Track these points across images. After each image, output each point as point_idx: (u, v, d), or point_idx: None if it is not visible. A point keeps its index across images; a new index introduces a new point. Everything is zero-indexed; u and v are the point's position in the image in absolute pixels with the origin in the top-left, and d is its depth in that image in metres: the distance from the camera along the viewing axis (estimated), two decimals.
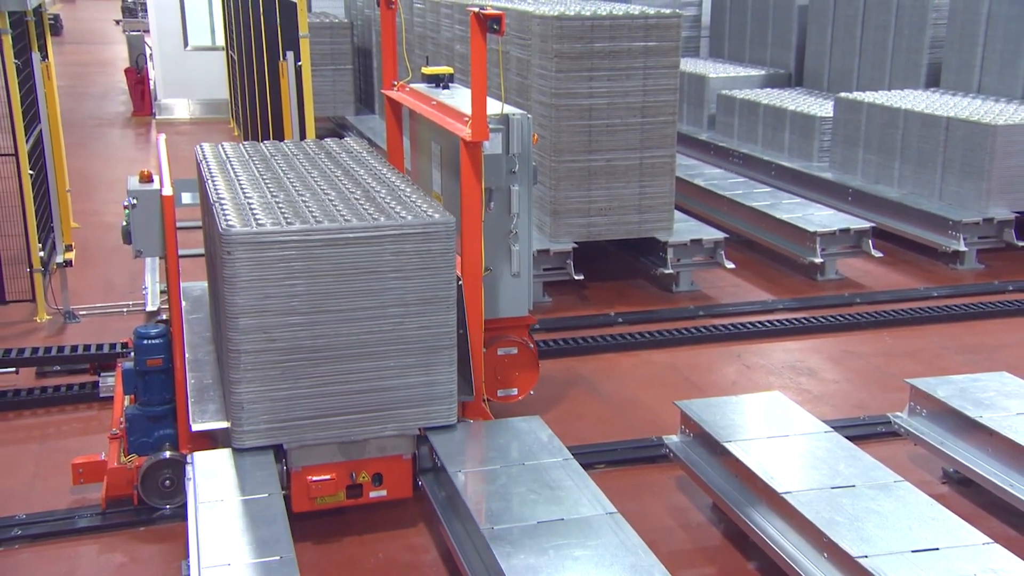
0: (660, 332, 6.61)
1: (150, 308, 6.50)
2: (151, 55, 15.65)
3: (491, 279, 4.81)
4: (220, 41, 15.07)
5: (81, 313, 6.87)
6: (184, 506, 4.05)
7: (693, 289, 7.46)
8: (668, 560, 3.53)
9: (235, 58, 12.55)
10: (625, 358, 6.27)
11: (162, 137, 5.48)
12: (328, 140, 5.76)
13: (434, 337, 4.15)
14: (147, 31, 16.40)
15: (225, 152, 5.37)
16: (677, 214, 7.51)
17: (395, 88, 5.69)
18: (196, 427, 4.24)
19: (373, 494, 4.22)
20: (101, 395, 5.45)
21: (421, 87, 5.45)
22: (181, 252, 4.29)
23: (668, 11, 7.01)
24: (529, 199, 4.88)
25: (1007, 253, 7.92)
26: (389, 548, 4.24)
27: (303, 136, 6.87)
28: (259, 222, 3.97)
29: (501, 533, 3.57)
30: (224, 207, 4.18)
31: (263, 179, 4.74)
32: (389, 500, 4.29)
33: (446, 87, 5.39)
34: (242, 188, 4.54)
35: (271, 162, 5.13)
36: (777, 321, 6.84)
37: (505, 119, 4.71)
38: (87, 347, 5.99)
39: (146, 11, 16.88)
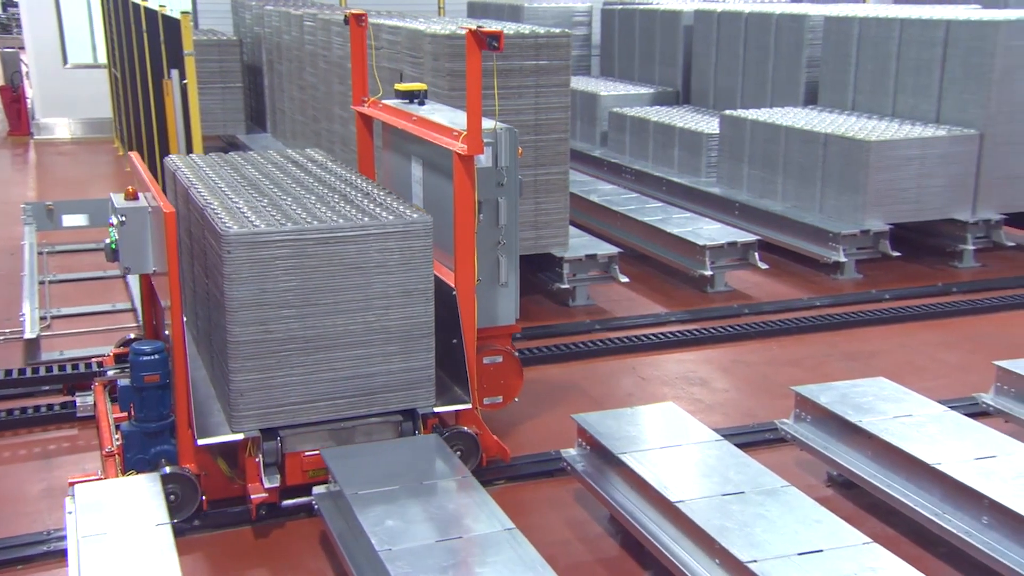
0: (557, 347, 6.68)
1: (28, 335, 6.22)
2: (27, 72, 15.03)
3: (479, 289, 4.94)
4: (102, 58, 14.59)
5: None
6: (65, 539, 3.91)
7: (589, 303, 7.57)
8: (567, 573, 3.58)
9: (118, 76, 12.17)
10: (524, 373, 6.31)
11: (135, 155, 5.51)
12: (291, 151, 5.94)
13: (414, 326, 4.54)
14: (22, 47, 15.75)
15: (197, 162, 5.62)
16: (572, 230, 7.62)
17: (366, 104, 5.79)
18: (202, 441, 4.34)
19: None
20: (79, 415, 5.42)
21: (395, 103, 5.56)
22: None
23: (558, 30, 7.12)
24: (516, 211, 5.08)
25: (883, 263, 8.31)
26: (286, 575, 4.17)
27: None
28: (254, 223, 4.28)
29: (399, 554, 3.54)
30: (216, 211, 4.45)
31: (242, 186, 5.01)
32: None
33: (422, 103, 5.51)
34: (225, 194, 4.81)
35: (244, 170, 5.41)
36: (670, 333, 7.01)
37: (493, 133, 4.85)
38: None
39: (20, 27, 16.22)
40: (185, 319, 4.46)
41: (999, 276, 8.22)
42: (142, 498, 3.85)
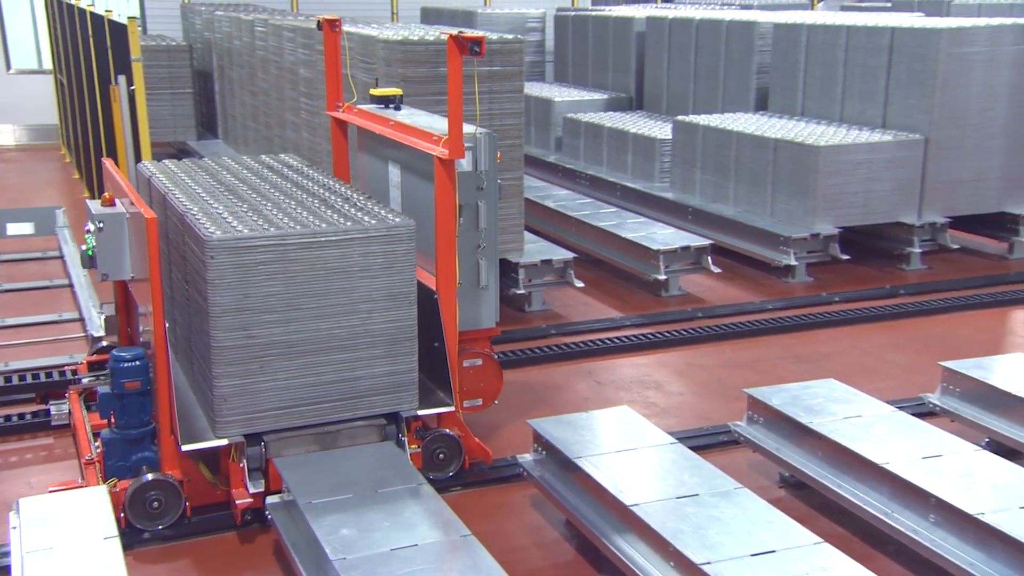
0: (513, 352, 6.69)
1: None
2: None
3: (460, 292, 4.94)
4: (47, 64, 14.32)
5: None
6: (7, 554, 3.81)
7: (545, 308, 7.59)
8: None
9: (64, 82, 11.95)
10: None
11: (109, 162, 5.46)
12: (265, 156, 5.93)
13: (398, 330, 4.54)
14: None
15: (172, 168, 5.59)
16: (527, 235, 7.64)
17: (340, 109, 5.80)
18: (186, 447, 4.32)
19: None
20: (53, 423, 5.38)
21: (371, 108, 5.58)
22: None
23: (511, 36, 7.13)
24: (496, 214, 5.10)
25: (833, 266, 8.45)
26: None
27: (139, 163, 6.61)
28: (237, 228, 4.27)
29: (354, 563, 3.52)
30: (197, 216, 4.43)
31: (220, 191, 4.98)
32: None
33: (398, 108, 5.52)
34: (205, 199, 4.78)
35: (220, 176, 5.38)
36: (625, 337, 7.05)
37: (474, 137, 4.87)
38: None
39: None
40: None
41: (945, 278, 8.40)
42: (90, 511, 3.77)
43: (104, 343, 5.84)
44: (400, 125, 5.17)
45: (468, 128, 4.81)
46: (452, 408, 4.84)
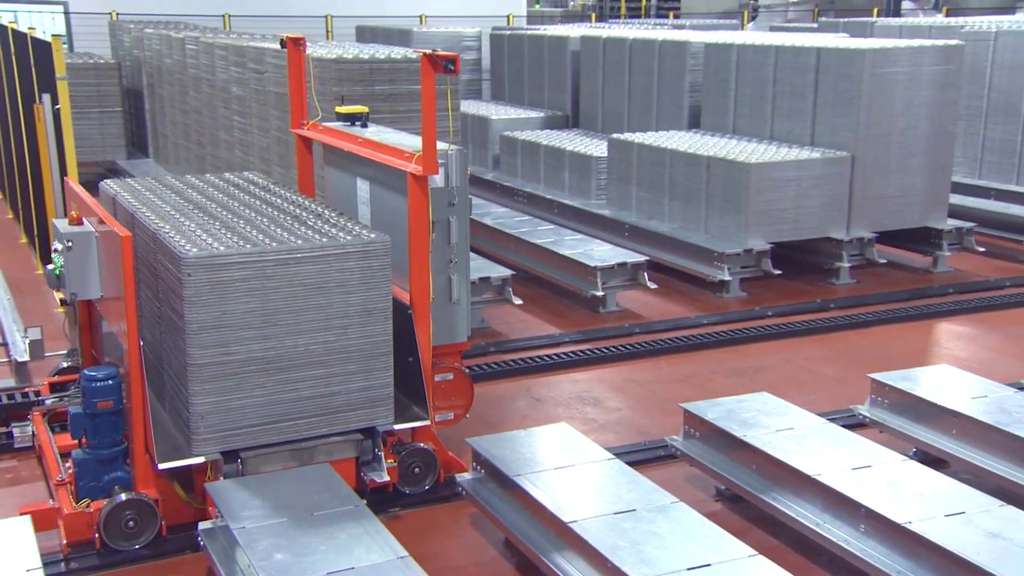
0: None
1: None
2: None
3: (432, 307, 4.96)
4: None
5: None
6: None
7: (483, 326, 7.59)
8: None
9: None
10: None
11: (71, 180, 5.45)
12: (229, 174, 5.91)
13: (373, 345, 4.57)
14: None
15: (136, 187, 5.57)
16: None
17: (305, 127, 5.81)
18: (163, 465, 4.31)
19: None
20: (16, 445, 5.30)
21: (337, 125, 5.61)
22: None
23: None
24: (467, 229, 5.14)
25: (766, 281, 8.61)
26: None
27: (64, 184, 6.47)
28: (213, 246, 4.27)
29: None
30: (170, 235, 4.43)
31: (190, 209, 4.98)
32: None
33: (364, 125, 5.57)
34: (175, 218, 4.78)
35: (187, 194, 5.38)
36: (564, 354, 7.09)
37: (445, 154, 4.91)
38: None
39: None
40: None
41: (873, 292, 8.62)
42: (11, 543, 3.65)
43: (65, 364, 5.85)
44: (370, 142, 5.23)
45: (440, 145, 4.88)
46: (427, 422, 4.87)
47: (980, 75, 11.07)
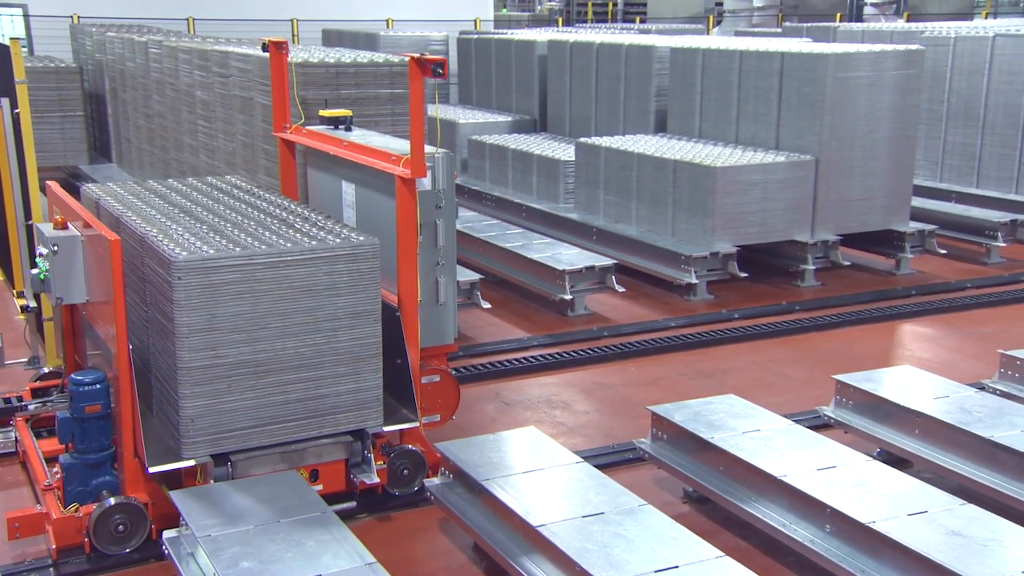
0: None
1: None
2: None
3: (419, 309, 4.95)
4: None
5: None
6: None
7: None
8: None
9: None
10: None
11: (54, 184, 5.40)
12: (211, 178, 5.90)
13: (362, 347, 4.58)
14: None
15: (119, 191, 5.52)
16: None
17: (288, 130, 5.80)
18: (153, 468, 4.30)
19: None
20: None
21: (321, 129, 5.60)
22: None
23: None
24: (454, 232, 5.15)
25: (732, 284, 8.68)
26: None
27: (25, 190, 6.39)
28: (203, 249, 4.26)
29: None
30: (158, 238, 4.41)
31: (175, 213, 4.97)
32: (325, 493, 4.48)
33: (348, 128, 5.57)
34: (161, 222, 4.76)
35: (171, 198, 5.35)
36: (532, 357, 7.10)
37: (432, 157, 4.91)
38: None
39: None
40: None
41: (837, 294, 8.72)
42: None
43: (46, 370, 5.81)
44: (356, 145, 5.22)
45: (427, 148, 4.89)
46: (416, 424, 4.88)
47: (940, 80, 11.26)
